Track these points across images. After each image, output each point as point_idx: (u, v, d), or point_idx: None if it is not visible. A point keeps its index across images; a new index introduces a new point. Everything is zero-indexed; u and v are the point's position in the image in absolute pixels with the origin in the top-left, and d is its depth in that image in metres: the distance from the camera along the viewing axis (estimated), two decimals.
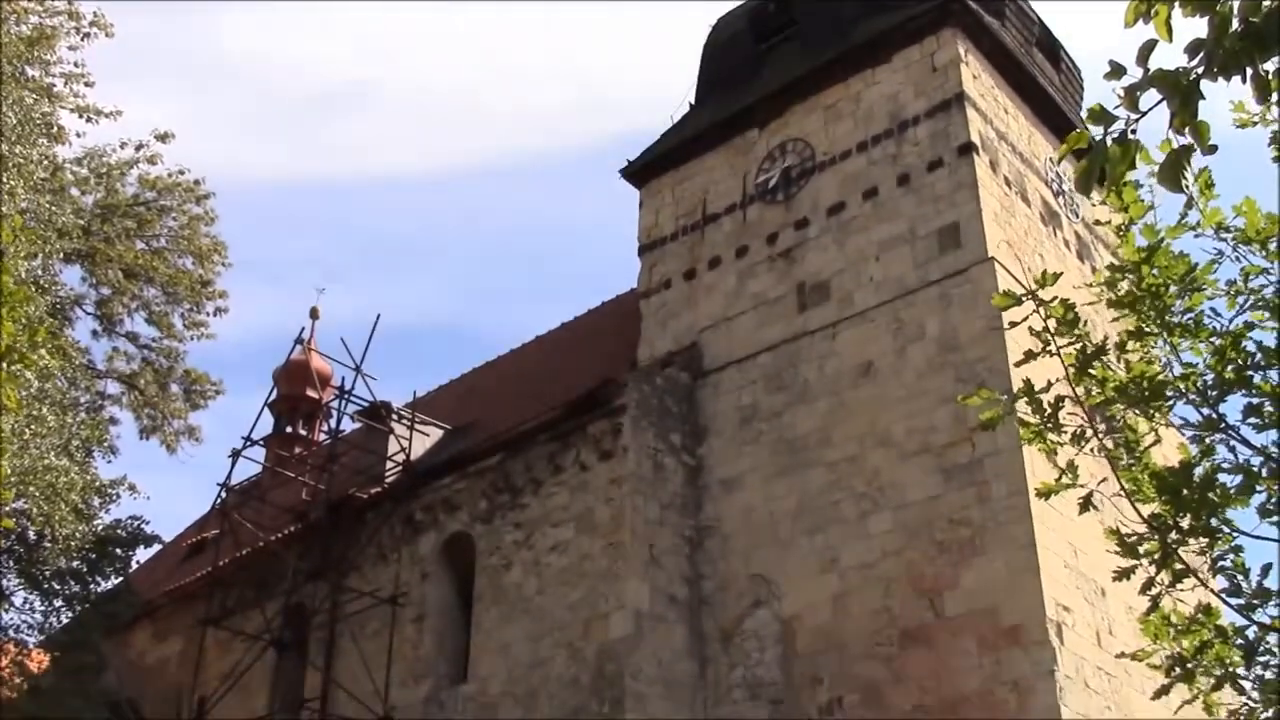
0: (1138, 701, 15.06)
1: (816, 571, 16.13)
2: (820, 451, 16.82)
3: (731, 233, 19.67)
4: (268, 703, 19.83)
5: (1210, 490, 5.89)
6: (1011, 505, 14.77)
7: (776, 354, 17.97)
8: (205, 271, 21.16)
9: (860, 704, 15.07)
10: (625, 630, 15.93)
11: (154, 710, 22.52)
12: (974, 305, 16.07)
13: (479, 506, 18.66)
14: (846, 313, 17.51)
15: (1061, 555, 14.96)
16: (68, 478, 15.92)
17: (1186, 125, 3.44)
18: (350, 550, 19.69)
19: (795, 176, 19.26)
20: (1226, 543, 5.82)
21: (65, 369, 17.52)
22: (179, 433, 21.16)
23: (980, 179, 17.18)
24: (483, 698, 17.19)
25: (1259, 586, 5.79)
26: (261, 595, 20.45)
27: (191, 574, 23.62)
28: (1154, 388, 5.92)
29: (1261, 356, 5.88)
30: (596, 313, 24.83)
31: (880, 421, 16.42)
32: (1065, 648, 14.19)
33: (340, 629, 18.70)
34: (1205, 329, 5.93)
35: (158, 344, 21.27)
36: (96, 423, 18.43)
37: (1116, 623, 15.36)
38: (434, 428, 21.82)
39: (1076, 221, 19.53)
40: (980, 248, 16.57)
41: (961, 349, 16.03)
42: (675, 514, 17.35)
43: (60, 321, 18.58)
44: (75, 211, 18.47)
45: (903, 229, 17.54)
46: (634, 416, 17.31)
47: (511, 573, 17.77)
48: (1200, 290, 5.95)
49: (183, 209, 21.11)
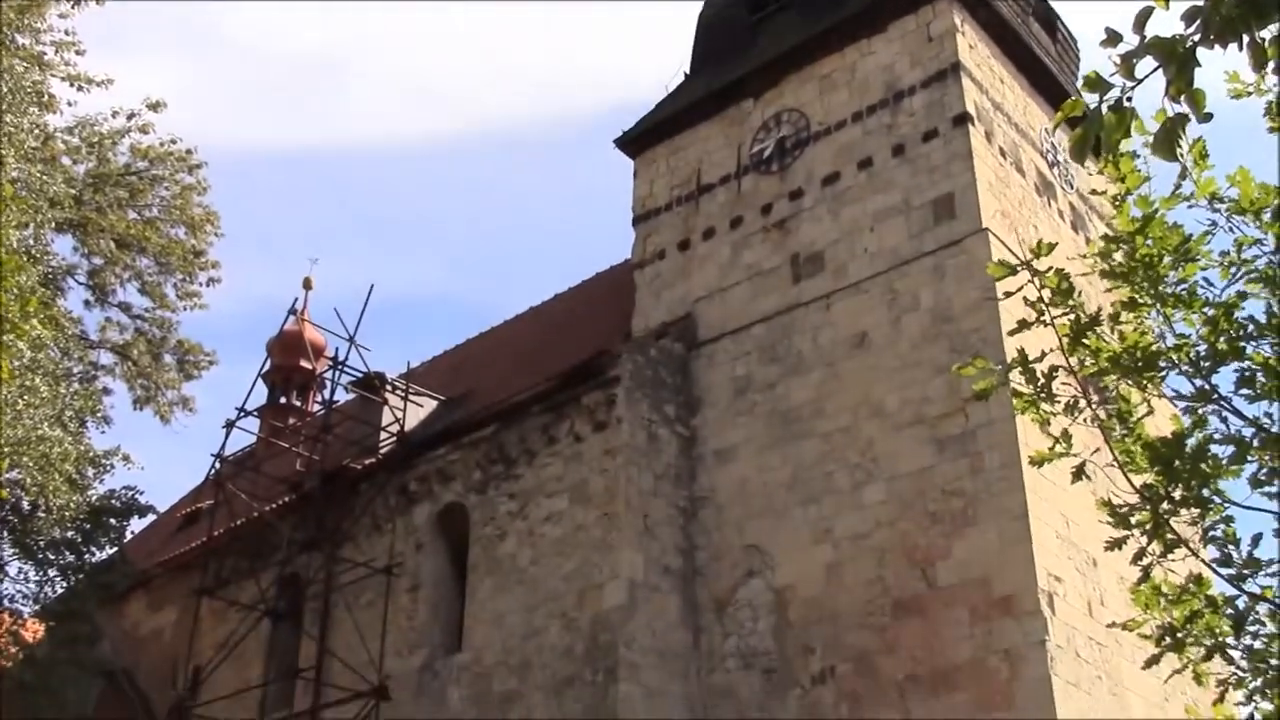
0: (1128, 671, 15.15)
1: (810, 542, 16.19)
2: (814, 422, 16.84)
3: (726, 203, 19.62)
4: (263, 672, 19.90)
5: (1202, 461, 5.91)
6: (1004, 476, 14.82)
7: (770, 325, 17.97)
8: (198, 241, 21.05)
9: (852, 673, 15.16)
10: (619, 600, 15.99)
11: (149, 680, 22.59)
12: (968, 276, 16.06)
13: (473, 477, 18.68)
14: (841, 284, 17.50)
15: (1054, 526, 15.02)
16: (61, 448, 15.89)
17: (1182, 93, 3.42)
18: (345, 521, 19.72)
19: (790, 147, 19.20)
20: (1218, 513, 5.83)
21: (58, 339, 17.46)
22: (173, 403, 21.10)
23: (975, 149, 17.14)
24: (477, 667, 17.26)
25: (1249, 557, 5.82)
26: (256, 565, 20.49)
27: (186, 544, 23.65)
28: (1147, 358, 5.91)
29: (1254, 327, 5.88)
30: (591, 284, 24.80)
31: (874, 392, 16.44)
32: (1057, 618, 14.27)
33: (335, 599, 18.76)
34: (1198, 300, 5.93)
35: (150, 314, 21.18)
36: (90, 393, 18.39)
37: (1108, 593, 15.44)
38: (428, 399, 21.81)
39: (1071, 192, 19.51)
40: (975, 218, 16.55)
41: (955, 320, 16.04)
42: (669, 485, 17.38)
43: (52, 291, 18.50)
44: (67, 181, 18.36)
45: (897, 200, 17.51)
46: (628, 388, 17.32)
47: (506, 543, 17.81)
48: (1194, 261, 5.94)
49: (175, 178, 20.98)
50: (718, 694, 16.16)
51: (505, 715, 16.54)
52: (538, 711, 16.22)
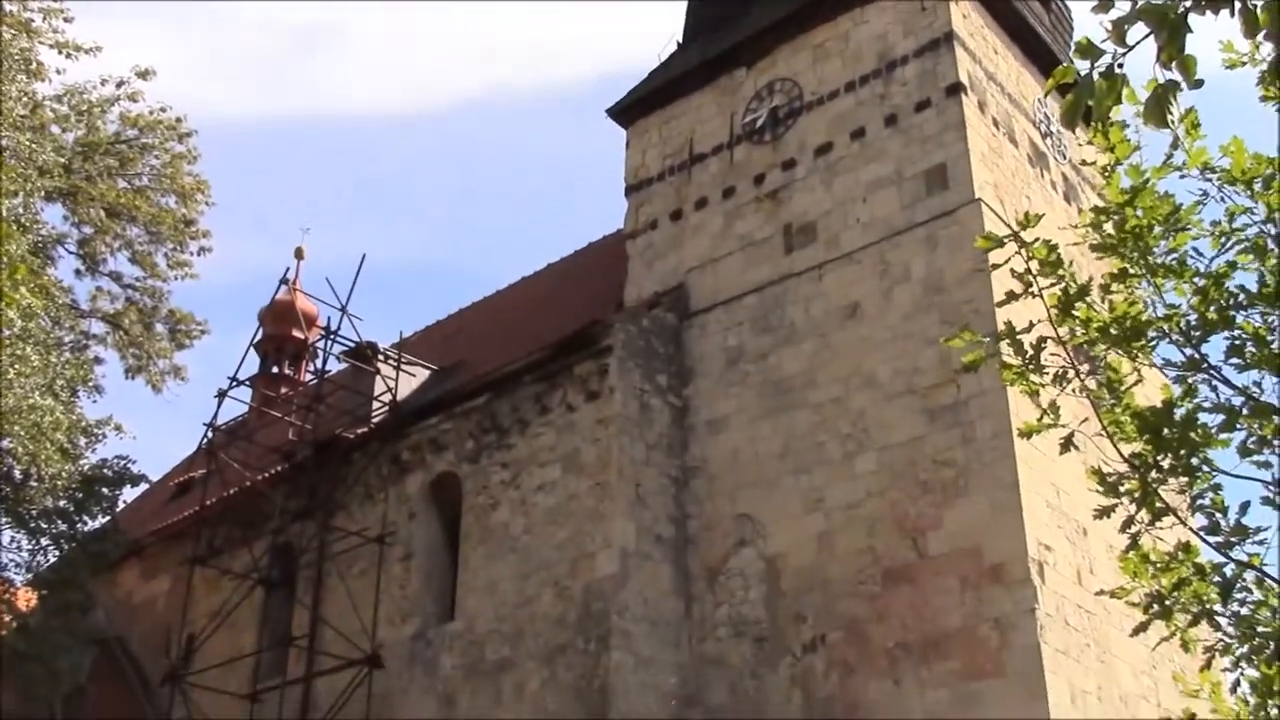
0: (1116, 639, 15.27)
1: (801, 511, 16.25)
2: (806, 393, 16.88)
3: (718, 173, 19.58)
4: (256, 640, 19.99)
5: (1191, 430, 5.93)
6: (995, 446, 14.87)
7: (763, 295, 17.97)
8: (188, 210, 20.99)
9: (843, 641, 15.25)
10: (611, 569, 16.06)
11: (142, 648, 22.68)
12: (960, 247, 16.06)
13: (466, 447, 18.71)
14: (833, 254, 17.49)
15: (1044, 495, 15.09)
16: (53, 417, 15.88)
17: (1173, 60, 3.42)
18: (337, 490, 19.75)
19: (783, 116, 19.15)
20: (1206, 481, 5.86)
21: (48, 308, 17.43)
22: (164, 372, 21.09)
23: (968, 120, 17.11)
24: (470, 636, 17.34)
25: (1237, 524, 5.85)
26: (249, 534, 20.53)
27: (179, 513, 23.68)
28: (1137, 328, 5.93)
29: (1244, 297, 5.90)
30: (583, 253, 24.77)
31: (866, 363, 16.47)
32: (1046, 586, 14.35)
33: (328, 568, 18.81)
34: (1189, 269, 5.94)
35: (141, 283, 21.14)
36: (81, 362, 18.36)
37: (1097, 561, 15.53)
38: (420, 368, 21.81)
39: (1064, 163, 19.49)
40: (967, 189, 16.54)
41: (947, 291, 16.05)
42: (661, 454, 17.43)
43: (42, 261, 18.44)
44: (56, 149, 18.27)
45: (890, 170, 17.48)
46: (620, 357, 17.33)
47: (498, 512, 17.86)
48: (1185, 231, 5.95)
49: (165, 147, 20.89)
50: (709, 662, 16.26)
51: (498, 683, 16.63)
52: (530, 679, 16.31)
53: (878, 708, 14.65)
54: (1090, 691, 14.56)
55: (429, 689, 17.45)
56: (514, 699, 16.37)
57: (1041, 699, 13.57)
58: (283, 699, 18.17)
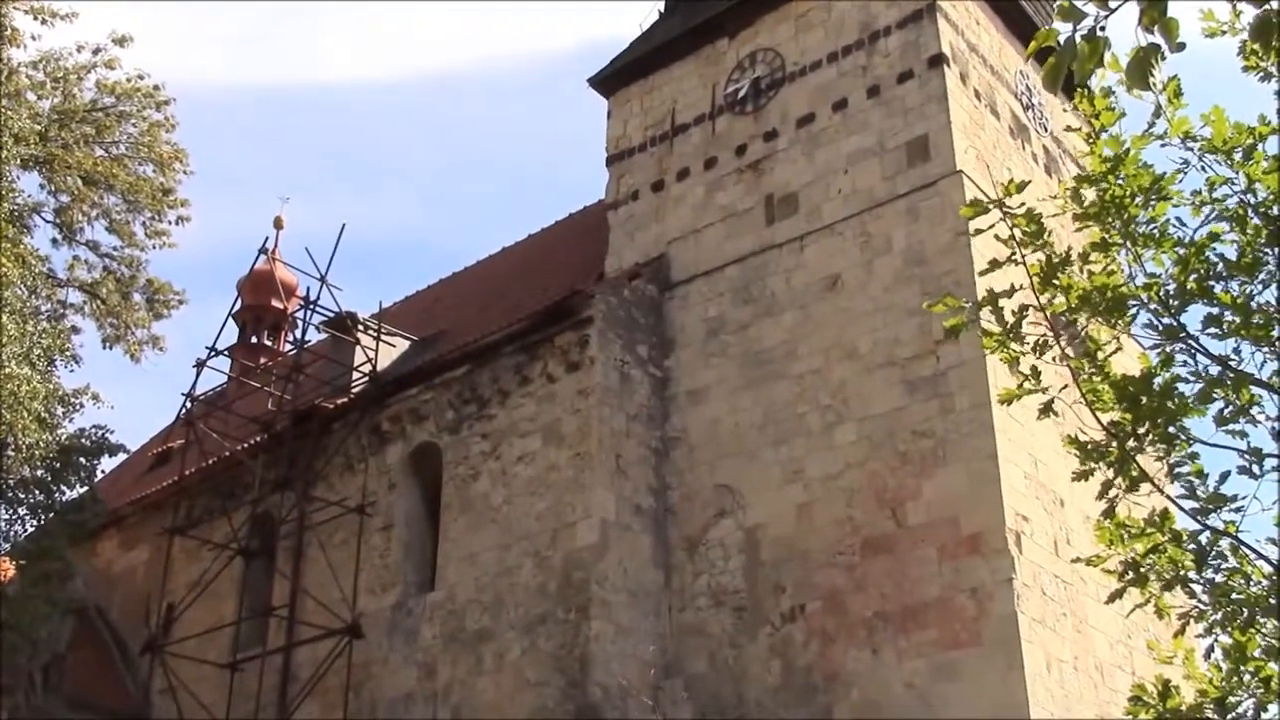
0: (1092, 608, 15.42)
1: (781, 482, 16.31)
2: (786, 364, 16.91)
3: (700, 144, 19.53)
4: (235, 610, 19.96)
5: (1169, 399, 5.97)
6: (974, 417, 14.95)
7: (744, 266, 17.97)
8: (166, 179, 20.79)
9: (822, 611, 15.34)
10: (591, 539, 16.10)
11: (122, 617, 22.64)
12: (942, 218, 16.10)
13: (446, 417, 18.69)
14: (814, 225, 17.50)
15: (1022, 467, 15.19)
16: (30, 386, 15.78)
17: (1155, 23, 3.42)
18: (317, 460, 19.71)
19: (765, 87, 19.10)
20: (1183, 449, 5.90)
21: (25, 277, 17.28)
22: (142, 342, 20.93)
23: (950, 91, 17.10)
24: (450, 605, 17.37)
25: (1214, 492, 5.89)
26: (228, 505, 20.49)
27: (157, 484, 23.60)
28: (1116, 297, 5.96)
29: (1225, 267, 5.93)
30: (564, 224, 24.71)
31: (846, 334, 16.51)
32: (1024, 556, 14.46)
33: (308, 538, 18.80)
34: (1169, 239, 5.96)
35: (119, 253, 20.95)
36: (58, 331, 18.22)
37: (1074, 532, 15.65)
38: (400, 338, 21.75)
39: (1045, 135, 19.51)
40: (949, 161, 16.55)
41: (928, 262, 16.09)
42: (642, 425, 17.45)
43: (18, 229, 18.27)
44: (31, 116, 18.08)
45: (872, 141, 17.47)
46: (601, 328, 17.32)
47: (479, 483, 17.87)
48: (1165, 200, 5.96)
49: (142, 115, 20.67)
50: (689, 632, 16.34)
51: (478, 652, 16.68)
52: (511, 649, 16.36)
53: (856, 677, 14.76)
54: (1066, 661, 14.70)
55: (409, 658, 17.49)
56: (494, 668, 16.43)
57: (1018, 668, 13.70)
58: (263, 668, 18.20)
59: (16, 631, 17.24)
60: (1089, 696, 14.93)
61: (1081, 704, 14.67)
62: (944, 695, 14.03)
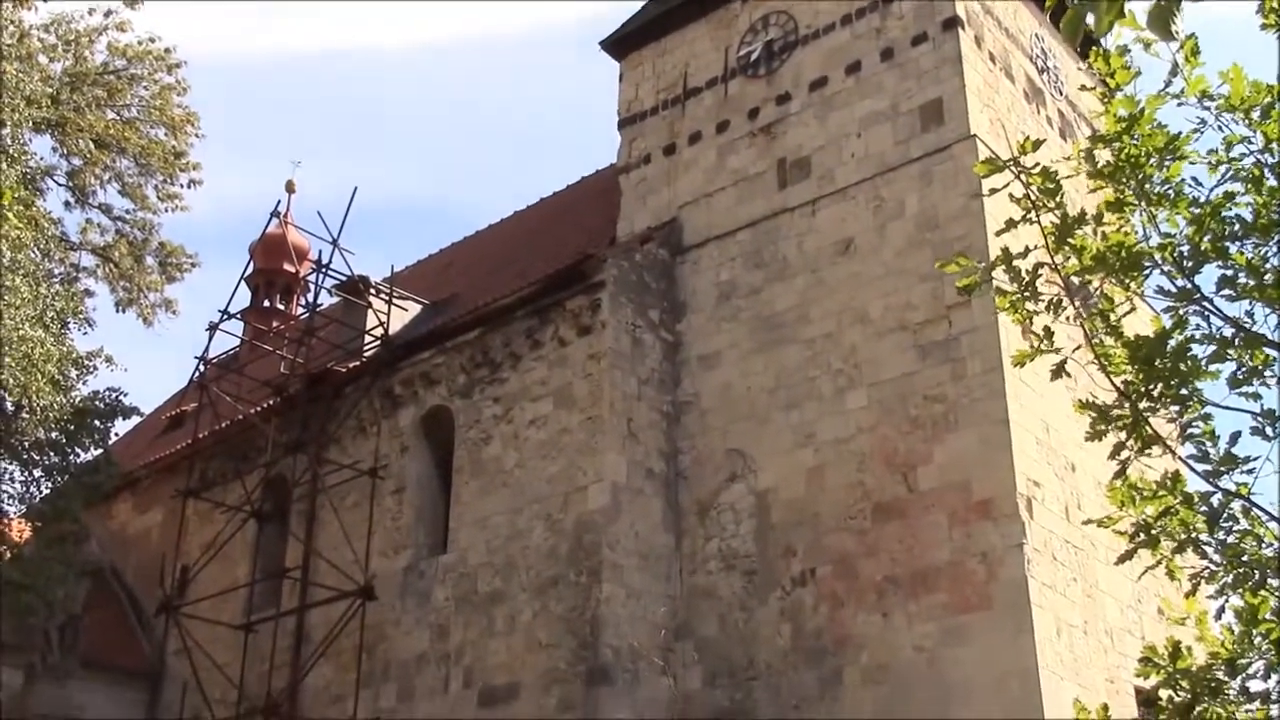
0: (1103, 573, 15.44)
1: (792, 446, 16.32)
2: (798, 328, 16.88)
3: (712, 107, 19.44)
4: (249, 572, 20.09)
5: (1182, 361, 5.94)
6: (986, 382, 14.92)
7: (756, 230, 17.92)
8: (178, 142, 20.83)
9: (832, 575, 15.38)
10: (603, 502, 16.15)
11: (137, 579, 22.83)
12: (954, 183, 16.01)
13: (458, 381, 18.72)
14: (827, 189, 17.42)
15: (1033, 431, 15.16)
16: (44, 348, 15.81)
17: None
18: (329, 423, 19.77)
19: (777, 50, 18.97)
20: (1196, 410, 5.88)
21: (38, 240, 17.30)
22: (155, 305, 21.05)
23: (965, 54, 16.96)
24: (462, 568, 17.46)
25: (1226, 454, 5.87)
26: (241, 467, 20.58)
27: (171, 447, 23.73)
28: (1131, 257, 5.92)
29: (1240, 227, 5.88)
30: (576, 188, 24.64)
31: (858, 299, 16.46)
32: (1034, 521, 14.46)
33: (320, 501, 18.88)
34: (1184, 199, 5.92)
35: (131, 216, 21.03)
36: (71, 294, 18.25)
37: (1085, 497, 15.64)
38: (412, 302, 21.77)
39: (1060, 99, 19.36)
40: (963, 124, 16.44)
41: (941, 227, 16.01)
42: (653, 389, 17.46)
43: (31, 192, 18.28)
44: (43, 79, 18.07)
45: (885, 105, 17.36)
46: (613, 292, 17.30)
47: (491, 446, 17.91)
48: (1181, 159, 5.91)
49: (153, 78, 20.69)
50: (699, 595, 16.40)
51: (490, 614, 16.77)
52: (522, 611, 16.45)
53: (866, 640, 14.81)
54: (1076, 625, 14.73)
55: (421, 620, 17.61)
56: (506, 630, 16.53)
57: (1027, 632, 13.73)
58: (276, 630, 18.32)
59: (33, 592, 17.36)
60: (1098, 661, 14.97)
61: (1091, 668, 14.71)
62: (954, 659, 14.07)
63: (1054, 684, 13.63)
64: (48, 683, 18.86)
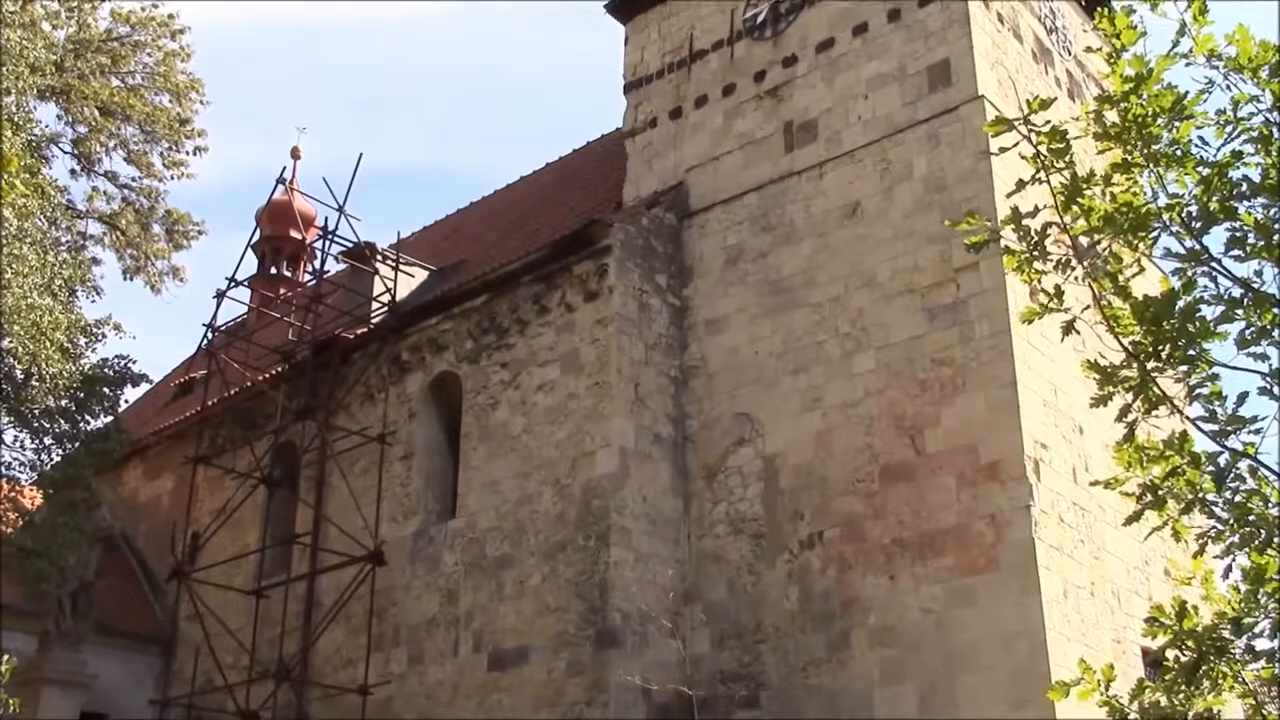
0: (1110, 535, 15.47)
1: (799, 410, 16.33)
2: (805, 292, 16.86)
3: (719, 70, 19.34)
4: (260, 538, 20.23)
5: (1190, 322, 5.92)
6: (994, 345, 14.90)
7: (763, 194, 17.86)
8: (183, 109, 20.83)
9: (840, 538, 15.43)
10: (611, 467, 16.19)
11: (148, 545, 22.98)
12: (962, 144, 15.93)
13: (465, 347, 18.74)
14: (834, 152, 17.35)
15: (1041, 394, 15.16)
16: (52, 316, 15.88)
17: None
18: (338, 390, 19.84)
19: (784, 12, 18.84)
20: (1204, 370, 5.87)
21: (44, 208, 17.32)
22: (163, 273, 21.12)
23: (972, 15, 16.82)
24: (471, 533, 17.54)
25: (1233, 414, 5.87)
26: (250, 434, 20.66)
27: (180, 414, 23.83)
28: (1139, 218, 5.89)
29: (1248, 187, 5.85)
30: (582, 152, 24.57)
31: (865, 262, 16.43)
32: (1042, 484, 14.48)
33: (329, 467, 18.96)
34: (1192, 159, 5.88)
35: (137, 183, 21.05)
36: (79, 262, 18.31)
37: (1093, 459, 15.66)
38: (419, 268, 21.78)
39: (1069, 59, 19.23)
40: (970, 86, 16.34)
41: (949, 189, 15.95)
42: (660, 354, 17.47)
43: (36, 160, 18.29)
44: (47, 46, 18.01)
45: (892, 66, 17.26)
46: (619, 257, 17.28)
47: (498, 412, 17.95)
48: (1189, 119, 5.88)
49: (157, 44, 20.66)
50: (707, 559, 16.47)
51: (499, 579, 16.87)
52: (531, 575, 16.54)
53: (873, 603, 14.88)
54: (1083, 587, 14.78)
55: (431, 585, 17.71)
56: (515, 594, 16.62)
57: (1034, 594, 13.77)
58: (287, 595, 18.45)
59: (45, 559, 17.51)
60: (1105, 622, 15.03)
61: (1097, 629, 14.77)
62: (961, 621, 14.13)
63: (1061, 645, 13.69)
64: (61, 648, 19.04)
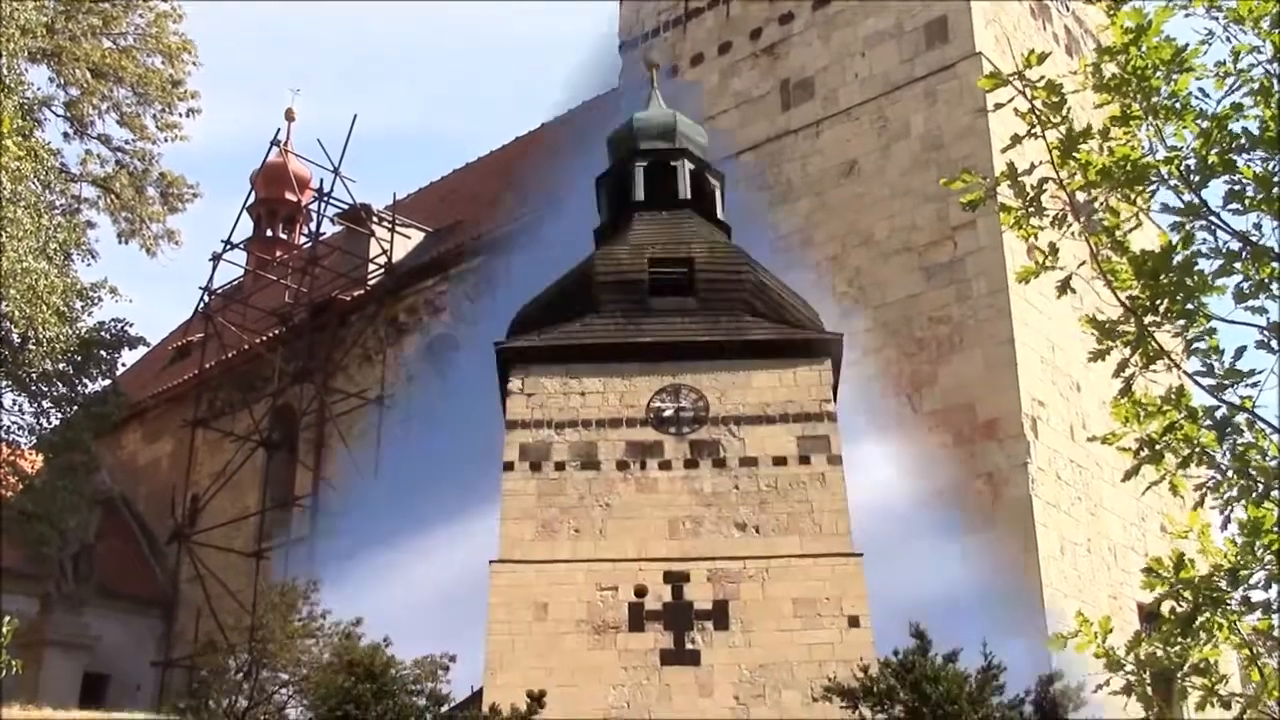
0: (1107, 492, 15.51)
1: None
2: (802, 251, 16.81)
3: (714, 28, 19.19)
4: (259, 499, 20.27)
5: (1188, 275, 5.89)
6: (991, 303, 14.89)
7: (760, 153, 17.78)
8: (175, 70, 20.59)
9: None
10: None
11: (148, 507, 23.04)
12: (959, 101, 15.86)
13: (461, 308, 18.70)
14: (831, 110, 17.26)
15: (1039, 351, 15.16)
16: (48, 280, 15.78)
17: None
18: (335, 352, 19.82)
19: None
20: (1202, 323, 5.85)
21: (38, 171, 17.18)
22: (158, 236, 20.92)
23: None
24: None
25: (1231, 368, 5.85)
26: (249, 397, 20.68)
27: (179, 377, 23.82)
28: (1137, 171, 5.85)
29: (1247, 140, 5.80)
30: (577, 113, 24.39)
31: (863, 221, 16.38)
32: (1039, 441, 14.51)
33: (328, 429, 18.97)
34: (1191, 111, 5.83)
35: (131, 146, 20.84)
36: (73, 226, 18.17)
37: (1090, 417, 15.68)
38: (415, 230, 21.71)
39: (1066, 15, 19.10)
40: (968, 42, 16.24)
41: (946, 146, 15.88)
42: None
43: (29, 123, 18.13)
44: (38, 8, 17.82)
45: (889, 23, 17.14)
46: None
47: None
48: (1188, 71, 5.83)
49: (149, 5, 20.41)
50: None
51: None
52: None
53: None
54: (1080, 543, 14.84)
55: None
56: None
57: (1032, 550, 13.83)
58: (287, 557, 18.50)
59: (45, 522, 17.51)
60: (1101, 577, 15.10)
61: (1094, 584, 14.84)
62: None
63: (1058, 601, 13.76)
64: (63, 610, 19.13)
